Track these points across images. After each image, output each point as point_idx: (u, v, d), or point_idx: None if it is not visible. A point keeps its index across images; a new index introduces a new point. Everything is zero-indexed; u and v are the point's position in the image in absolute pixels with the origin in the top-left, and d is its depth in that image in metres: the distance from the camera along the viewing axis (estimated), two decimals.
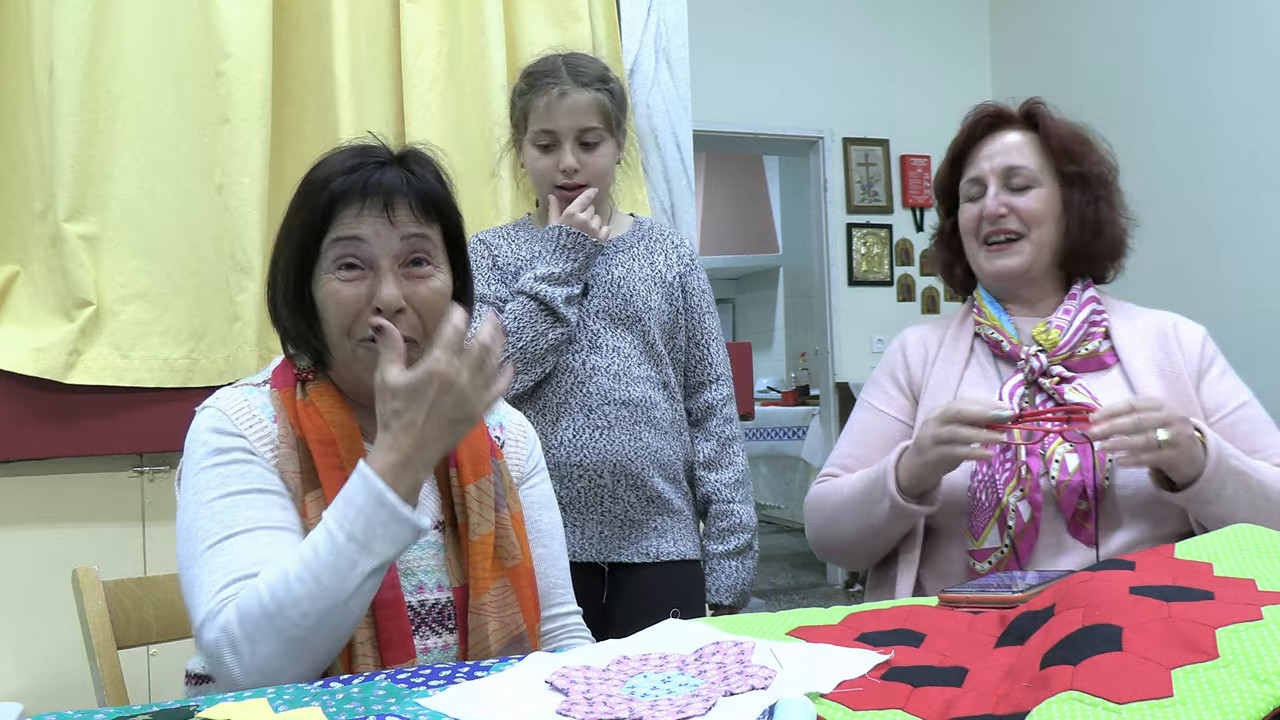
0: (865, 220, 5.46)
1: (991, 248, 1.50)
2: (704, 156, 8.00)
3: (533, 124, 1.62)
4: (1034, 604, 0.88)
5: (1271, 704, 0.63)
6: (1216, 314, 4.19)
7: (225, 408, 1.08)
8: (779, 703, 0.73)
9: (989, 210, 1.48)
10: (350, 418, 1.10)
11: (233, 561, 0.99)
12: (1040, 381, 1.41)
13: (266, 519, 1.02)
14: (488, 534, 1.11)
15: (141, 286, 1.82)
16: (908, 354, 1.56)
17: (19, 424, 1.74)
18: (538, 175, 1.65)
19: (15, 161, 1.83)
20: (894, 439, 1.48)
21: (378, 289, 1.06)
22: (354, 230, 1.06)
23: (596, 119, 1.61)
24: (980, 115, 1.53)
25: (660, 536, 1.63)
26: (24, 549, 1.78)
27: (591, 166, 1.62)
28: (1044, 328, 1.45)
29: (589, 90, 1.60)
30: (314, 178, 1.10)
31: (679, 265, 1.70)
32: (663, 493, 1.63)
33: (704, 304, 1.72)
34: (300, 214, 1.09)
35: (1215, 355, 1.47)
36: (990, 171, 1.49)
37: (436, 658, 1.08)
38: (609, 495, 1.60)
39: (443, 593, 1.10)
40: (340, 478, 1.02)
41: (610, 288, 1.64)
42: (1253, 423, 1.41)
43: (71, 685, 1.69)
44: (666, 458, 1.64)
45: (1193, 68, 4.35)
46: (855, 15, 5.42)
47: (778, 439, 5.84)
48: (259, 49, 1.87)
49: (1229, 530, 1.02)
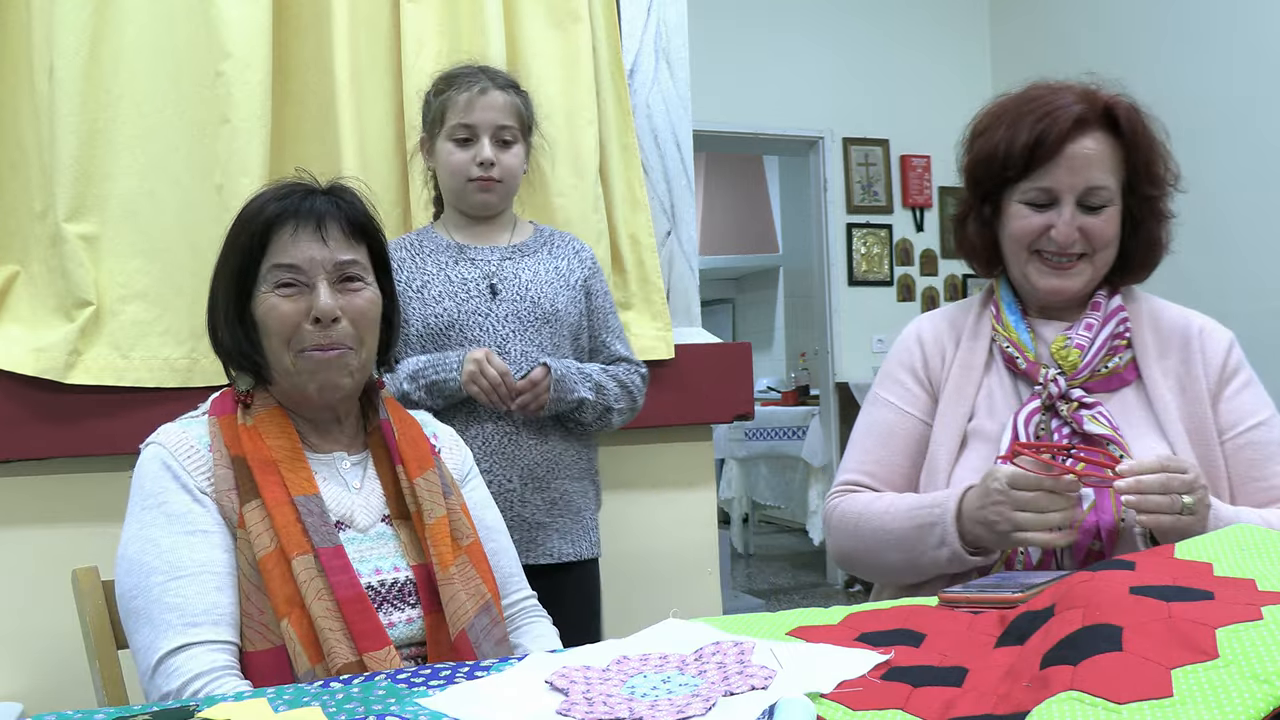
0: (865, 220, 5.46)
1: (1049, 264, 1.37)
2: (704, 156, 7.99)
3: (450, 119, 1.67)
4: (1034, 604, 0.88)
5: (1271, 704, 0.63)
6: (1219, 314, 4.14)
7: (166, 442, 1.16)
8: (779, 703, 0.73)
9: (1061, 235, 1.34)
10: (291, 438, 1.18)
11: (184, 605, 1.07)
12: (1058, 406, 1.32)
13: (210, 562, 1.10)
14: (442, 517, 1.20)
15: (141, 286, 1.82)
16: (926, 349, 1.47)
17: (19, 424, 1.74)
18: (453, 168, 1.69)
19: (15, 161, 1.83)
20: (919, 442, 1.42)
21: (315, 301, 1.15)
22: (290, 250, 1.16)
23: (512, 119, 1.69)
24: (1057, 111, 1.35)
25: (562, 538, 1.68)
26: (24, 549, 1.78)
27: (505, 164, 1.68)
28: (1063, 343, 1.36)
29: (506, 92, 1.69)
30: (249, 209, 1.20)
31: (581, 269, 1.76)
32: (567, 494, 1.69)
33: (607, 305, 1.80)
34: (238, 241, 1.18)
35: (1240, 366, 1.39)
36: (1069, 188, 1.34)
37: (402, 631, 1.15)
38: (517, 500, 1.64)
39: (400, 572, 1.17)
40: (281, 490, 1.12)
41: (519, 290, 1.69)
42: (1260, 447, 1.33)
43: (71, 685, 1.69)
44: (572, 459, 1.70)
45: (1194, 67, 4.35)
46: (855, 15, 5.42)
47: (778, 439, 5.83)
48: (259, 49, 1.86)
49: (1229, 530, 1.02)
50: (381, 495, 1.22)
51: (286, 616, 1.07)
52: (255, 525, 1.10)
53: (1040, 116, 1.35)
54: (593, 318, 1.77)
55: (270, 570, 1.08)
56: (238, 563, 1.11)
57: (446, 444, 1.36)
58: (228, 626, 1.08)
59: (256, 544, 1.09)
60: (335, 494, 1.19)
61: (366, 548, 1.17)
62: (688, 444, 2.26)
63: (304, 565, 1.09)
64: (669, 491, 1.87)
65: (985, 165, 1.41)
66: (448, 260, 1.70)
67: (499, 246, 1.73)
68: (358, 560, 1.14)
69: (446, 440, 1.36)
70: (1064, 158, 1.34)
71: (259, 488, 1.12)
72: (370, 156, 2.00)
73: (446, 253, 1.71)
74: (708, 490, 2.32)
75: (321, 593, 1.08)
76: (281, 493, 1.12)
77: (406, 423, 1.28)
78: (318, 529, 1.11)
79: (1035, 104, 1.38)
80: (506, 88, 1.69)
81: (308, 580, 1.08)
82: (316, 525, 1.11)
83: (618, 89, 2.19)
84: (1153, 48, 4.55)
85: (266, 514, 1.11)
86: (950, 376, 1.43)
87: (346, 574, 1.10)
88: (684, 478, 2.25)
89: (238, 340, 1.18)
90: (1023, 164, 1.36)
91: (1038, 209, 1.37)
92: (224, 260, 1.20)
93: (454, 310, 1.65)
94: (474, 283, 1.68)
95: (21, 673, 1.76)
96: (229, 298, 1.18)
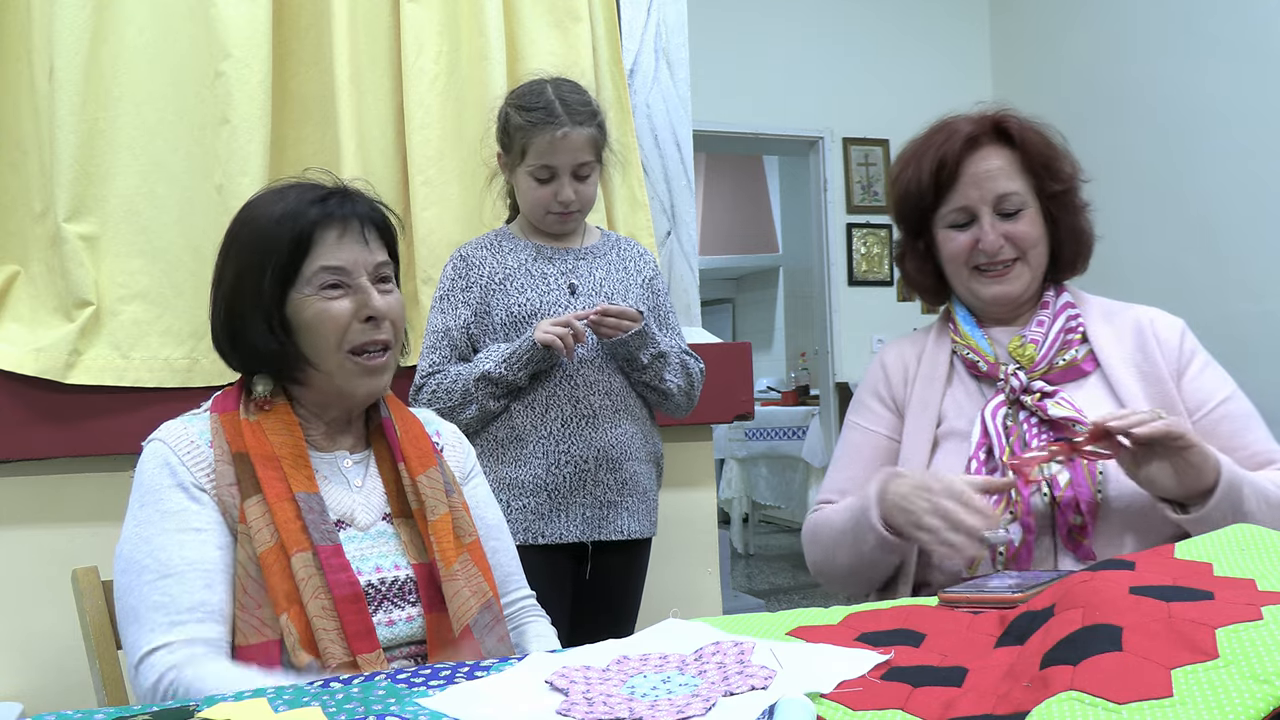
0: (865, 220, 5.46)
1: (988, 275, 1.45)
2: (704, 156, 8.00)
3: (531, 159, 1.74)
4: (1034, 604, 0.88)
5: (1271, 704, 0.63)
6: (1216, 314, 4.19)
7: (167, 438, 1.16)
8: (779, 703, 0.73)
9: (989, 244, 1.42)
10: (295, 436, 1.17)
11: (170, 603, 1.07)
12: (1022, 399, 1.38)
13: (200, 560, 1.10)
14: (444, 515, 1.20)
15: (141, 286, 1.82)
16: (888, 371, 1.54)
17: (19, 424, 1.74)
18: (533, 202, 1.78)
19: (15, 161, 1.83)
20: (886, 457, 1.47)
21: (367, 301, 1.17)
22: (336, 253, 1.17)
23: (590, 153, 1.76)
24: (952, 136, 1.45)
25: (631, 516, 1.78)
26: (24, 549, 1.78)
27: (583, 195, 1.78)
28: (1019, 342, 1.42)
29: (585, 128, 1.74)
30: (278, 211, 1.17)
31: (646, 270, 1.89)
32: (636, 475, 1.78)
33: (667, 304, 1.92)
34: (271, 244, 1.16)
35: (1195, 350, 1.43)
36: (980, 201, 1.43)
37: (402, 630, 1.14)
38: (591, 479, 1.73)
39: (401, 570, 1.17)
40: (282, 486, 1.12)
41: (594, 289, 1.80)
42: (1235, 419, 1.38)
43: (71, 685, 1.70)
44: (641, 442, 1.80)
45: (1193, 67, 4.35)
46: (855, 15, 5.42)
47: (778, 439, 5.83)
48: (259, 49, 1.87)
49: (1229, 530, 1.02)
50: (383, 493, 1.22)
51: (286, 611, 1.08)
52: (256, 520, 1.10)
53: (939, 145, 1.45)
54: (657, 314, 1.88)
55: (270, 565, 1.09)
56: (237, 557, 1.11)
57: (449, 442, 1.36)
58: (215, 623, 1.08)
59: (257, 539, 1.10)
60: (336, 492, 1.19)
61: (367, 546, 1.17)
62: (688, 444, 2.26)
63: (303, 562, 1.09)
64: (669, 491, 1.88)
65: (905, 202, 1.51)
66: (528, 257, 1.80)
67: (573, 248, 1.83)
68: (358, 558, 1.15)
69: (449, 438, 1.37)
70: (967, 175, 1.44)
71: (260, 483, 1.12)
72: (370, 156, 2.00)
73: (526, 251, 1.81)
74: (708, 490, 2.32)
75: (319, 591, 1.08)
76: (283, 488, 1.12)
77: (408, 421, 1.29)
78: (317, 526, 1.12)
79: (934, 136, 1.48)
80: (584, 123, 1.74)
81: (306, 577, 1.08)
82: (316, 523, 1.12)
83: (618, 89, 2.20)
84: (1152, 48, 4.55)
85: (268, 509, 1.11)
86: (914, 391, 1.50)
87: (345, 573, 1.11)
88: (684, 478, 2.25)
89: (269, 343, 1.16)
90: (933, 191, 1.46)
91: (961, 229, 1.46)
92: (252, 264, 1.16)
93: (536, 301, 1.75)
94: (554, 278, 1.78)
95: (21, 673, 1.76)
96: (264, 300, 1.16)
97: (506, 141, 1.79)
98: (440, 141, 2.04)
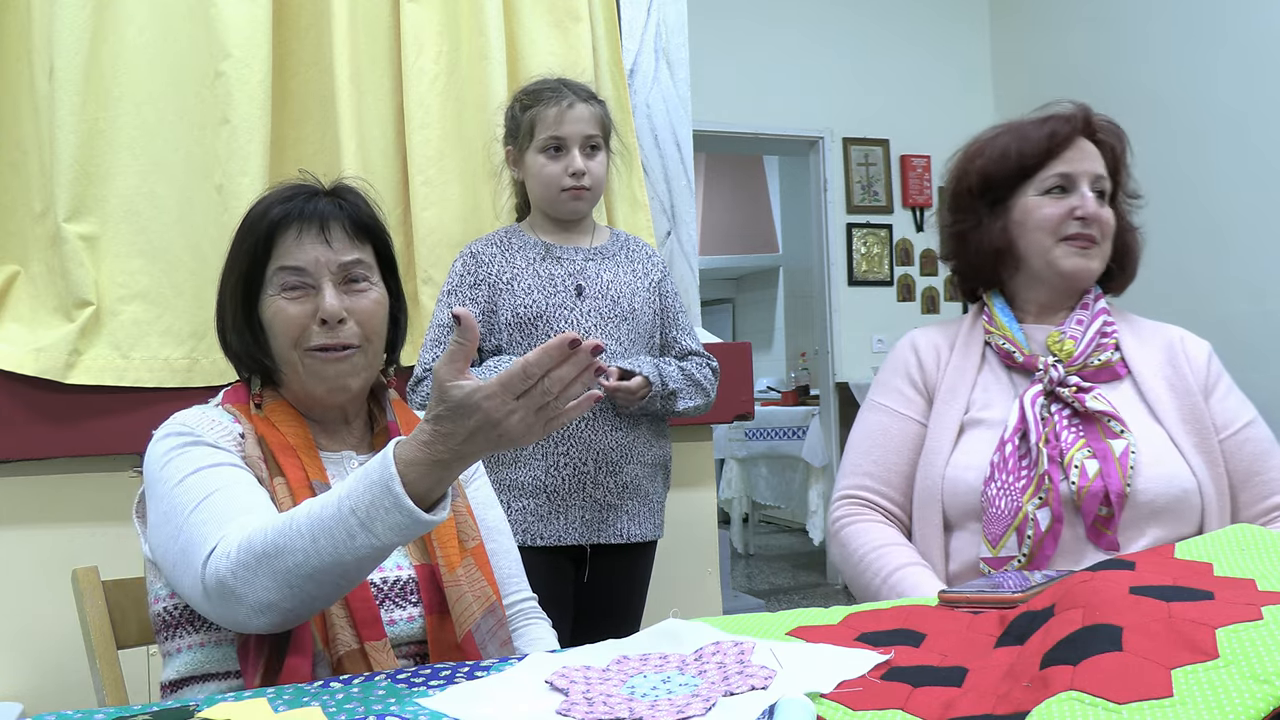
0: (865, 220, 5.46)
1: (1076, 245, 1.46)
2: (704, 156, 7.99)
3: (540, 132, 1.77)
4: (1034, 604, 0.88)
5: (1271, 704, 0.63)
6: (1220, 316, 4.19)
7: (186, 420, 1.15)
8: (779, 703, 0.73)
9: (1089, 209, 1.44)
10: (304, 428, 1.18)
11: (221, 512, 1.03)
12: (1059, 391, 1.40)
13: (236, 479, 1.08)
14: (449, 519, 1.18)
15: (141, 286, 1.82)
16: (921, 355, 1.54)
17: (19, 424, 1.74)
18: (547, 179, 1.78)
19: (15, 161, 1.83)
20: (915, 440, 1.47)
21: (320, 302, 1.15)
22: (294, 253, 1.16)
23: (597, 128, 1.80)
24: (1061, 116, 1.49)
25: (630, 520, 1.78)
26: (24, 549, 1.78)
27: (594, 172, 1.79)
28: (1058, 337, 1.45)
29: (589, 104, 1.79)
30: (253, 212, 1.20)
31: (655, 272, 1.89)
32: (637, 479, 1.78)
33: (677, 304, 1.91)
34: (243, 245, 1.19)
35: (1221, 372, 1.48)
36: (1084, 173, 1.46)
37: (403, 630, 1.14)
38: (590, 481, 1.73)
39: (403, 570, 1.16)
40: (300, 473, 1.12)
41: (602, 290, 1.80)
42: (1258, 443, 1.42)
43: (71, 685, 1.70)
44: (644, 446, 1.79)
45: (1193, 67, 4.35)
46: (855, 15, 5.42)
47: (778, 439, 5.83)
48: (259, 49, 1.86)
49: (1229, 530, 1.03)
50: None
51: None
52: (283, 501, 1.09)
53: (1044, 120, 1.49)
54: (665, 316, 1.88)
55: None
56: None
57: None
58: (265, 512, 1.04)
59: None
60: None
61: None
62: (688, 444, 2.26)
63: None
64: (669, 491, 1.89)
65: (1000, 164, 1.50)
66: (536, 257, 1.80)
67: (582, 248, 1.84)
68: None
69: None
70: (1076, 146, 1.47)
71: (282, 468, 1.12)
72: (370, 156, 2.00)
73: (535, 250, 1.81)
74: (708, 490, 2.32)
75: None
76: (301, 474, 1.12)
77: (413, 424, 1.28)
78: None
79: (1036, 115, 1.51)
80: (589, 100, 1.80)
81: None
82: None
83: (618, 89, 2.20)
84: (1152, 48, 4.55)
85: (290, 492, 1.10)
86: (945, 377, 1.50)
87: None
88: (684, 478, 2.25)
89: (246, 343, 1.19)
90: (1044, 151, 1.47)
91: (1058, 196, 1.47)
92: (231, 264, 1.20)
93: (542, 303, 1.76)
94: (560, 280, 1.78)
95: (21, 673, 1.76)
96: (236, 302, 1.19)
97: (514, 127, 1.82)
98: (440, 141, 2.04)
